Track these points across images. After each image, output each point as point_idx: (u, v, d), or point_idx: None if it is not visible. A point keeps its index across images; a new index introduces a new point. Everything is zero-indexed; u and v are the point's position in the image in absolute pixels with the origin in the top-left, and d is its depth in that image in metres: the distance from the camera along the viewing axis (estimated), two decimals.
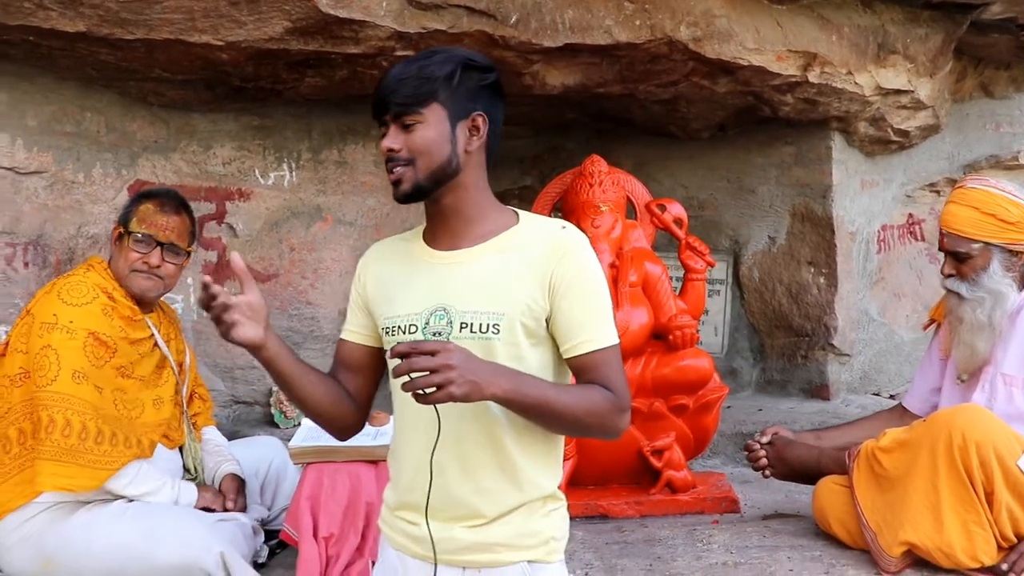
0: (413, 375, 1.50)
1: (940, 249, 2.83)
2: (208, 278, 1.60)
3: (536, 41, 3.39)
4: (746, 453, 3.15)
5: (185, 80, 3.44)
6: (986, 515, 2.42)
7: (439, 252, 1.78)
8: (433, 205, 1.77)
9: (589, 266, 1.74)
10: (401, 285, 1.78)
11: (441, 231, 1.79)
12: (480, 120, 1.75)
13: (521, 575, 1.73)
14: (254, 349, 1.69)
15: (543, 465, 1.77)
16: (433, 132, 1.70)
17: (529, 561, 1.74)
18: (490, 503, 1.71)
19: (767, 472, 3.06)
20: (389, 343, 1.76)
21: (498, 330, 1.68)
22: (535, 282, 1.70)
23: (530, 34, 3.37)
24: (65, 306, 2.65)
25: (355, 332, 1.89)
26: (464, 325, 1.69)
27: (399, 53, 3.30)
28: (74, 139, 3.43)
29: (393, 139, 1.71)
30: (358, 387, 1.89)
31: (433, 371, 1.49)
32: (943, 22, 4.38)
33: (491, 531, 1.71)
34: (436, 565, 1.72)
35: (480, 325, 1.68)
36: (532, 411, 1.64)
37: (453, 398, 1.51)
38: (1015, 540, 2.46)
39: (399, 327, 1.74)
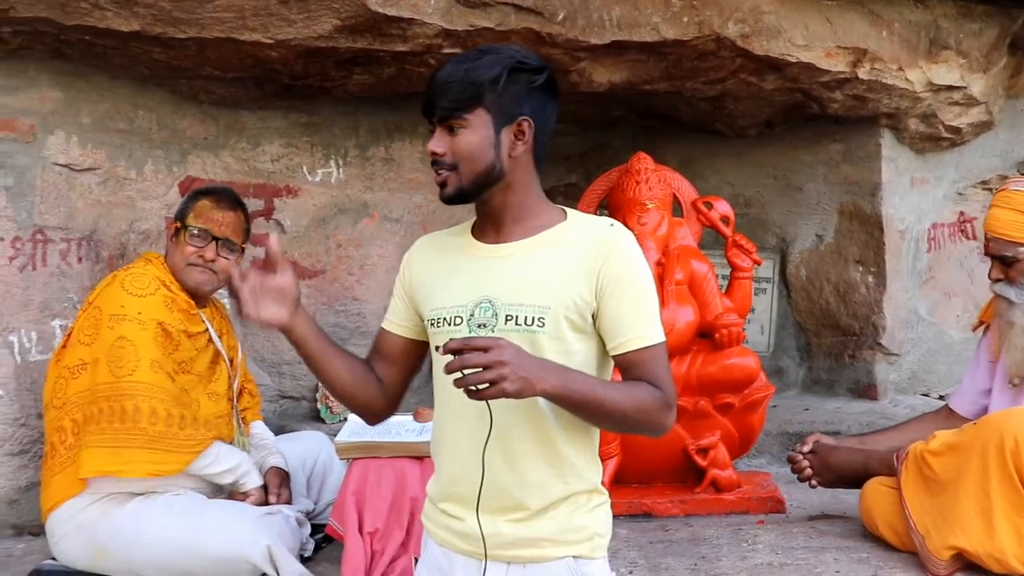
0: (465, 371, 1.50)
1: (986, 254, 2.81)
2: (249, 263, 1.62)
3: (583, 38, 3.39)
4: (790, 465, 3.12)
5: (235, 78, 3.48)
6: None
7: (485, 245, 1.80)
8: (482, 204, 1.79)
9: (637, 264, 1.75)
10: (446, 277, 1.80)
11: (489, 226, 1.81)
12: (526, 125, 1.75)
13: (566, 570, 1.74)
14: (282, 330, 1.71)
15: (588, 458, 1.79)
16: (477, 137, 1.71)
17: (574, 557, 1.75)
18: (535, 495, 1.72)
19: (813, 482, 3.03)
20: (436, 335, 1.77)
21: (543, 324, 1.69)
22: (582, 278, 1.71)
23: (577, 31, 3.37)
24: (131, 297, 2.72)
25: (395, 323, 1.90)
26: (509, 317, 1.69)
27: (447, 51, 3.31)
28: (127, 136, 3.49)
29: (438, 142, 1.72)
30: (392, 377, 1.90)
31: (486, 367, 1.49)
32: (997, 16, 4.30)
33: (536, 525, 1.72)
34: (486, 561, 1.73)
35: (525, 318, 1.69)
36: (580, 407, 1.65)
37: (506, 394, 1.51)
38: None
39: (444, 319, 1.75)
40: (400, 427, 2.85)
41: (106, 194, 3.43)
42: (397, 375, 1.91)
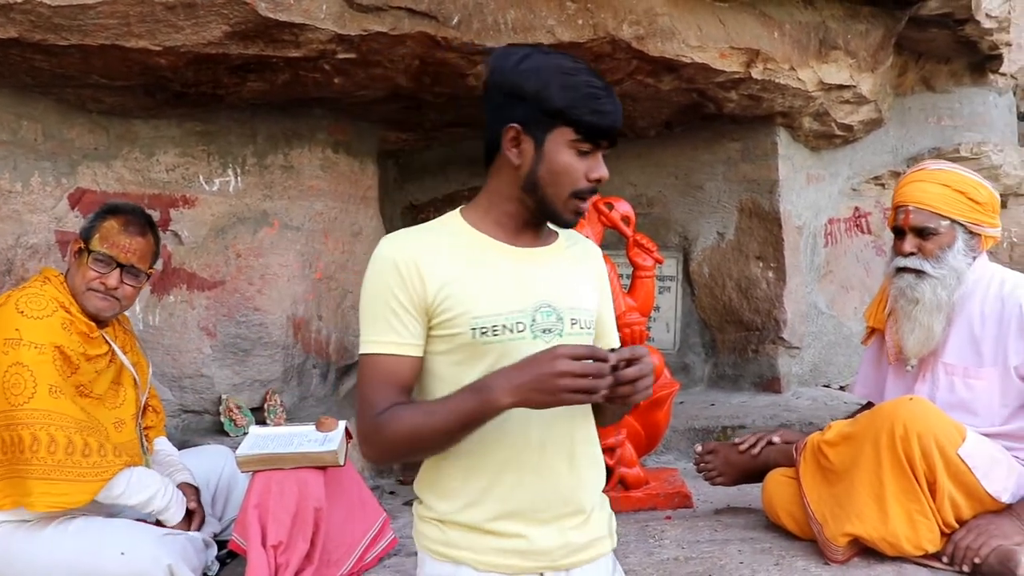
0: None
1: (901, 226, 2.76)
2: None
3: (479, 42, 3.38)
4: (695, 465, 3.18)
5: (124, 86, 3.37)
6: (929, 504, 2.45)
7: (518, 248, 1.73)
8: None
9: None
10: (488, 280, 1.67)
11: (523, 227, 1.74)
12: None
13: (611, 563, 1.79)
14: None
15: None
16: None
17: (613, 549, 1.81)
18: (588, 496, 1.74)
19: (716, 480, 3.09)
20: (485, 344, 1.64)
21: (591, 327, 1.75)
22: (594, 286, 1.80)
23: (472, 35, 3.36)
24: (27, 319, 2.58)
25: (413, 345, 1.67)
26: (575, 321, 1.71)
27: (341, 56, 3.27)
28: (10, 148, 3.35)
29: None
30: None
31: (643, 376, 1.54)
32: (883, 18, 4.44)
33: (592, 526, 1.74)
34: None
35: (585, 321, 1.73)
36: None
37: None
38: (958, 527, 2.50)
39: (504, 326, 1.64)
40: (302, 437, 2.81)
41: None
42: None
